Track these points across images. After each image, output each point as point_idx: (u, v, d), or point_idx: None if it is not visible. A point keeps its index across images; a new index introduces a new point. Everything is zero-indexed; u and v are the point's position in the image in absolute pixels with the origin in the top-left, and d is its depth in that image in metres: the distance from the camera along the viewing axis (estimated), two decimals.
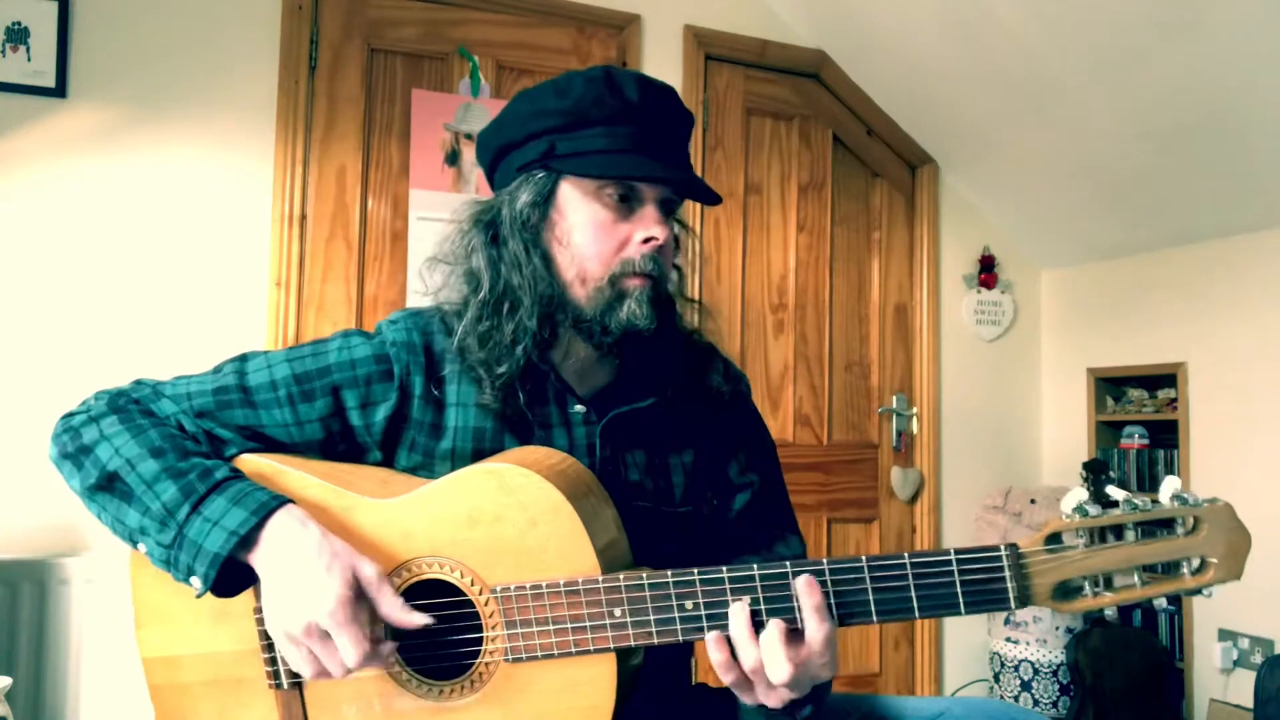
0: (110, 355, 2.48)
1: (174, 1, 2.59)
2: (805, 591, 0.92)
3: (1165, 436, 3.30)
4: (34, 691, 2.26)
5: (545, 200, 1.12)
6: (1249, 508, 1.02)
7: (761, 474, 1.25)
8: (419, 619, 0.97)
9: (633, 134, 1.10)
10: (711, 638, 0.94)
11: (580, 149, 1.10)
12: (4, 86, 2.42)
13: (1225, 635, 3.00)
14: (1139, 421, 3.39)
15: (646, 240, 1.11)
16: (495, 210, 1.16)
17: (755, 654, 0.93)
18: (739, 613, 0.94)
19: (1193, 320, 3.15)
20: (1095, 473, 3.06)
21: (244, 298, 2.63)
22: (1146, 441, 3.36)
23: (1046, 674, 3.13)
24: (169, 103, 2.58)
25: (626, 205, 1.12)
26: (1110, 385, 3.53)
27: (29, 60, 2.43)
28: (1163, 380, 3.33)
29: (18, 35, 2.43)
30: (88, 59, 2.50)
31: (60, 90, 2.46)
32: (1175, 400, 3.20)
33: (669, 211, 1.15)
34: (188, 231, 2.58)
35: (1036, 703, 3.14)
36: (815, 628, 0.92)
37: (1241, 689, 2.92)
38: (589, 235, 1.11)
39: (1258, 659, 2.87)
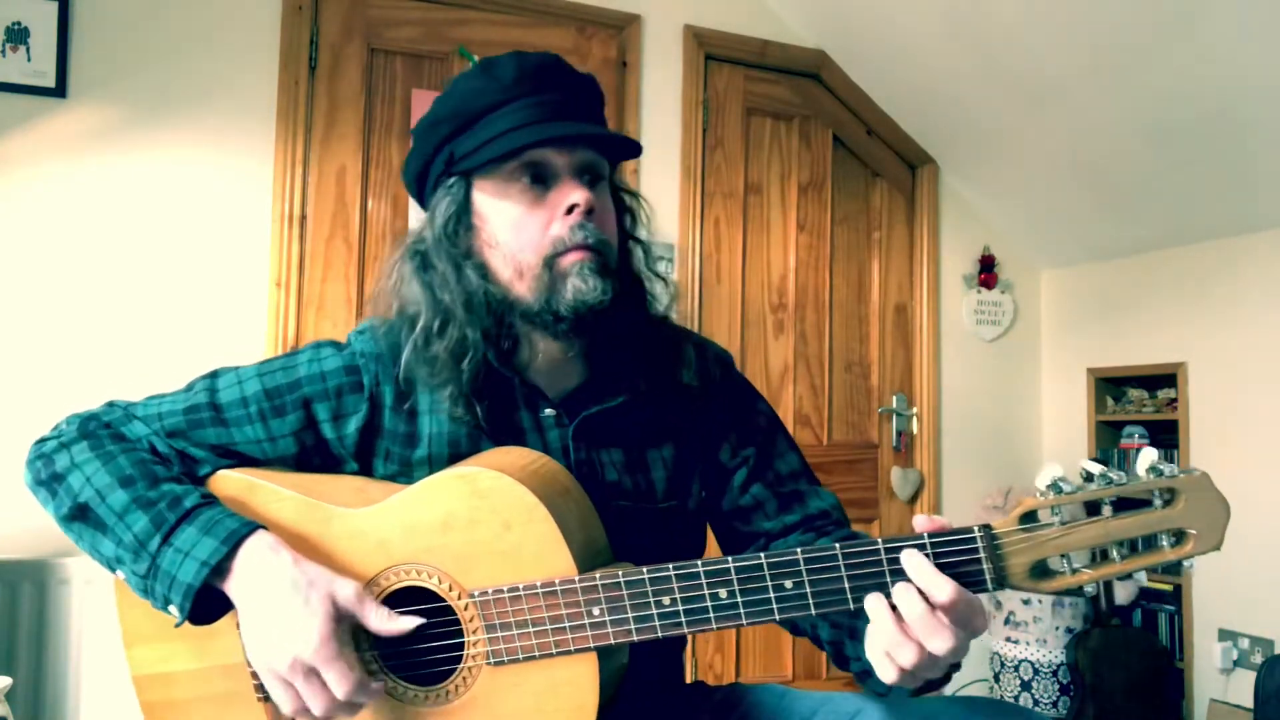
0: (110, 355, 2.49)
1: (174, 2, 2.60)
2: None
3: (1165, 436, 3.29)
4: (34, 691, 2.27)
5: (464, 207, 1.10)
6: (1249, 507, 1.01)
7: (757, 444, 1.20)
8: (407, 624, 0.96)
9: (520, 110, 1.07)
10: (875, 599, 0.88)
11: (475, 143, 1.07)
12: (4, 86, 2.43)
13: (1225, 635, 3.00)
14: (1139, 421, 3.38)
15: (570, 210, 1.06)
16: (420, 235, 1.14)
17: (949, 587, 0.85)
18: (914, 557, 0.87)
19: (1193, 320, 3.15)
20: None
21: (244, 298, 2.63)
22: (1146, 441, 3.35)
23: (1046, 674, 3.13)
24: (169, 103, 2.58)
25: (542, 185, 1.08)
26: (1110, 385, 3.52)
27: (29, 60, 2.44)
28: (1163, 380, 3.32)
29: (18, 35, 2.44)
30: (88, 59, 2.51)
31: (60, 90, 2.47)
32: (1175, 400, 3.20)
33: (594, 178, 1.11)
34: (188, 232, 2.59)
35: (1036, 703, 3.13)
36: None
37: (1241, 689, 2.91)
38: (512, 228, 1.08)
39: (1258, 659, 2.86)
